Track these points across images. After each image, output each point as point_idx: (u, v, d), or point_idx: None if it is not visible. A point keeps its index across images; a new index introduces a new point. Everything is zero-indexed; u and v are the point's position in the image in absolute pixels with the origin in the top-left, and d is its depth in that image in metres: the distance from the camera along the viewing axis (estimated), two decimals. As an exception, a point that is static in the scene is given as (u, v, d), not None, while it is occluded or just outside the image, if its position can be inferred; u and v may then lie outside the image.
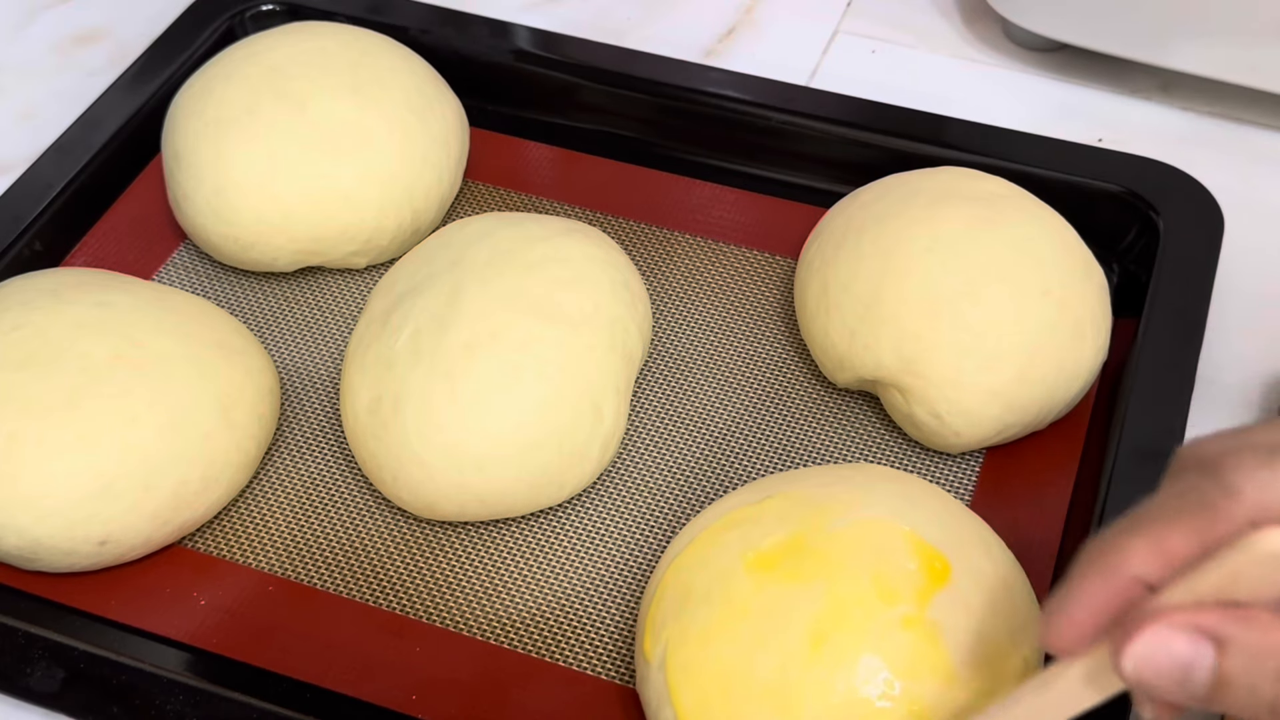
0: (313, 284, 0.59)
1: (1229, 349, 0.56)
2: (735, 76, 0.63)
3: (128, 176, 0.62)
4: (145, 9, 0.74)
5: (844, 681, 0.40)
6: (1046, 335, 0.49)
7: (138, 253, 0.60)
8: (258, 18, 0.67)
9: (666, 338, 0.57)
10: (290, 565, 0.50)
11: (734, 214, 0.61)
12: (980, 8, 0.71)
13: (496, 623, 0.49)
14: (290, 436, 0.54)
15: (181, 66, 0.64)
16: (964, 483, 0.51)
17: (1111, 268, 0.57)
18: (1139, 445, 0.49)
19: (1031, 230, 0.51)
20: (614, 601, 0.49)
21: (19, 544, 0.47)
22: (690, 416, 0.54)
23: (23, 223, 0.58)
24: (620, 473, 0.52)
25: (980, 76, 0.69)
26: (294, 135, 0.56)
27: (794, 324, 0.56)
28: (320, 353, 0.57)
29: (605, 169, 0.63)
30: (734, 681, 0.41)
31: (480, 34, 0.65)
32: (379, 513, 0.52)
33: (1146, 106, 0.67)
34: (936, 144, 0.59)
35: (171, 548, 0.51)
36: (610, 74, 0.63)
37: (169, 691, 0.46)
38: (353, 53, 0.59)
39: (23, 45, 0.73)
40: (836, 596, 0.41)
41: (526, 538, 0.51)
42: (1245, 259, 0.58)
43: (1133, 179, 0.57)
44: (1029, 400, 0.50)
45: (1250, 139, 0.65)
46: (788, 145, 0.61)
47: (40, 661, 0.46)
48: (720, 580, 0.42)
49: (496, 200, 0.62)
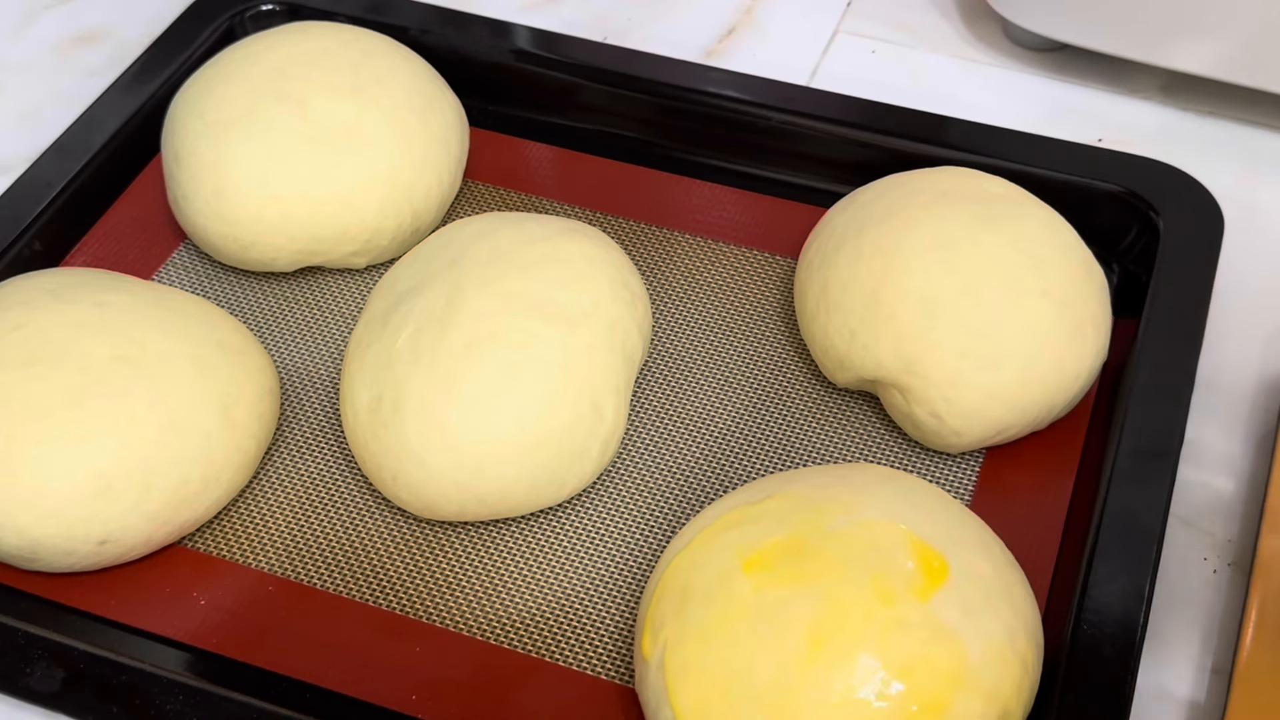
0: (313, 284, 0.59)
1: (1229, 349, 0.56)
2: (735, 76, 0.63)
3: (128, 176, 0.62)
4: (145, 9, 0.74)
5: (843, 682, 0.40)
6: (1046, 335, 0.49)
7: (138, 253, 0.60)
8: (258, 18, 0.67)
9: (666, 338, 0.57)
10: (290, 565, 0.50)
11: (734, 214, 0.61)
12: (980, 8, 0.71)
13: (496, 623, 0.49)
14: (290, 436, 0.54)
15: (181, 66, 0.64)
16: (964, 483, 0.51)
17: (1111, 268, 0.57)
18: (1139, 445, 0.49)
19: (1031, 230, 0.51)
20: (614, 601, 0.49)
21: (19, 544, 0.47)
22: (690, 416, 0.54)
23: (23, 223, 0.58)
24: (620, 473, 0.52)
25: (980, 76, 0.69)
26: (294, 135, 0.56)
27: (794, 324, 0.56)
28: (320, 353, 0.57)
29: (605, 169, 0.63)
30: (733, 681, 0.41)
31: (480, 34, 0.65)
32: (379, 513, 0.52)
33: (1146, 106, 0.67)
34: (936, 144, 0.59)
35: (171, 548, 0.51)
36: (610, 74, 0.63)
37: (169, 691, 0.46)
38: (353, 53, 0.59)
39: (23, 45, 0.73)
40: (836, 597, 0.41)
41: (526, 538, 0.51)
42: (1245, 259, 0.58)
43: (1133, 179, 0.57)
44: (1029, 400, 0.50)
45: (1250, 139, 0.65)
46: (788, 145, 0.61)
47: (40, 661, 0.46)
48: (719, 580, 0.42)
49: (496, 200, 0.62)
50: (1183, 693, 0.47)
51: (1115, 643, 0.44)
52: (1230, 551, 0.51)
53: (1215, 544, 0.51)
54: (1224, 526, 0.51)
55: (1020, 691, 0.42)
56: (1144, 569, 0.45)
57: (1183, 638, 0.48)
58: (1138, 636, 0.44)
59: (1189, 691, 0.47)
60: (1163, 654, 0.48)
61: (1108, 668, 0.43)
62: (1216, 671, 0.48)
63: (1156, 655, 0.47)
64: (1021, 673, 0.42)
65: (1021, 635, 0.42)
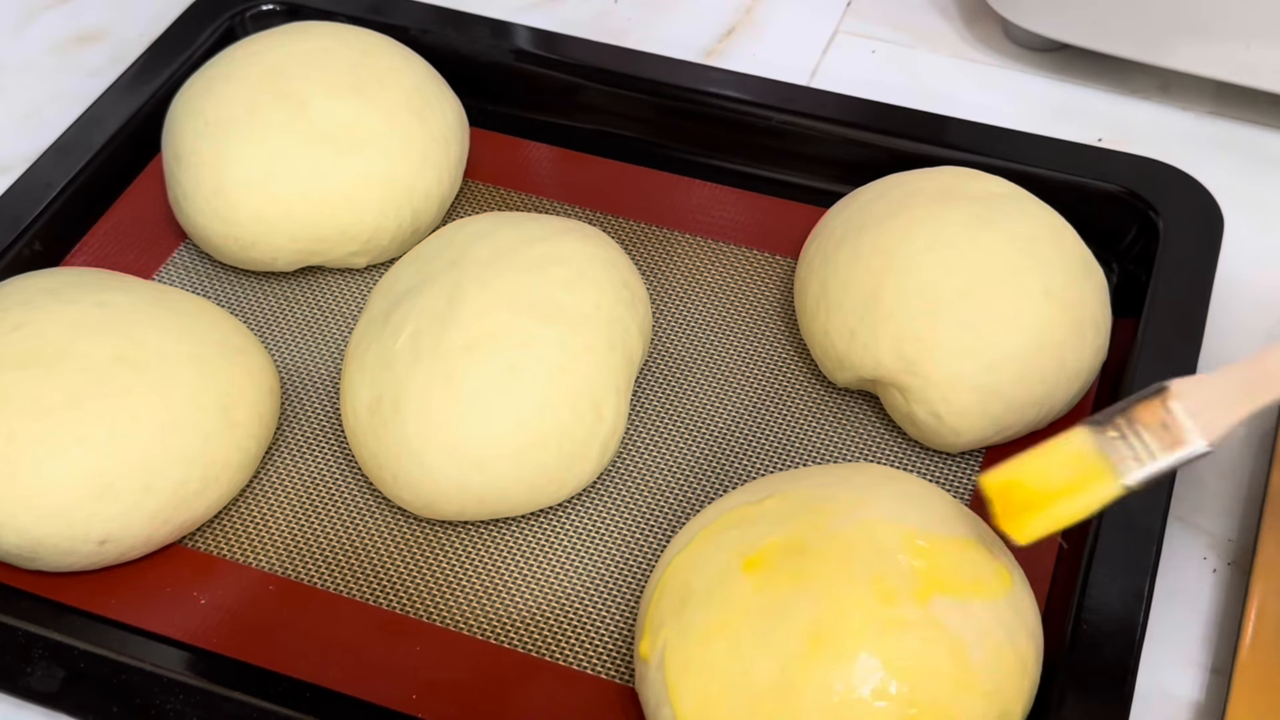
0: (313, 284, 0.59)
1: (1229, 349, 0.56)
2: (735, 76, 0.63)
3: (128, 176, 0.62)
4: (145, 9, 0.74)
5: (843, 682, 0.40)
6: (1046, 335, 0.49)
7: (138, 253, 0.60)
8: (258, 18, 0.67)
9: (666, 338, 0.57)
10: (290, 565, 0.50)
11: (734, 214, 0.61)
12: (980, 8, 0.71)
13: (496, 622, 0.49)
14: (290, 436, 0.54)
15: (181, 66, 0.64)
16: (964, 483, 0.51)
17: (1111, 268, 0.57)
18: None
19: (1031, 230, 0.51)
20: (614, 601, 0.49)
21: (19, 543, 0.47)
22: (690, 416, 0.54)
23: (23, 223, 0.58)
24: (620, 473, 0.52)
25: (980, 76, 0.69)
26: (294, 135, 0.56)
27: (794, 324, 0.56)
28: (320, 353, 0.57)
29: (605, 169, 0.63)
30: (733, 681, 0.41)
31: (480, 34, 0.65)
32: (379, 513, 0.52)
33: (1146, 106, 0.67)
34: (936, 144, 0.59)
35: (171, 547, 0.51)
36: (610, 74, 0.63)
37: (169, 691, 0.46)
38: (353, 53, 0.59)
39: (23, 45, 0.73)
40: (836, 597, 0.41)
41: (526, 537, 0.51)
42: (1245, 259, 0.58)
43: (1133, 179, 0.57)
44: (1029, 400, 0.50)
45: (1250, 139, 0.65)
46: (788, 145, 0.61)
47: (40, 661, 0.46)
48: (719, 580, 0.42)
49: (496, 200, 0.62)
50: (1183, 692, 0.47)
51: (1115, 642, 0.44)
52: (1230, 551, 0.51)
53: (1215, 544, 0.51)
54: (1224, 526, 0.51)
55: (1020, 691, 0.42)
56: (1143, 568, 0.45)
57: (1183, 637, 0.48)
58: (1137, 636, 0.44)
59: (1189, 691, 0.47)
60: (1163, 654, 0.48)
61: (1107, 667, 0.43)
62: (1216, 671, 0.48)
63: (1156, 655, 0.47)
64: (1021, 673, 0.42)
65: (1021, 635, 0.42)
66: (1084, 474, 0.41)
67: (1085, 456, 0.41)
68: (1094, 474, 0.41)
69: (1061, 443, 0.42)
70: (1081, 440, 0.41)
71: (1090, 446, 0.41)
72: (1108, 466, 0.41)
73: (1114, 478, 0.41)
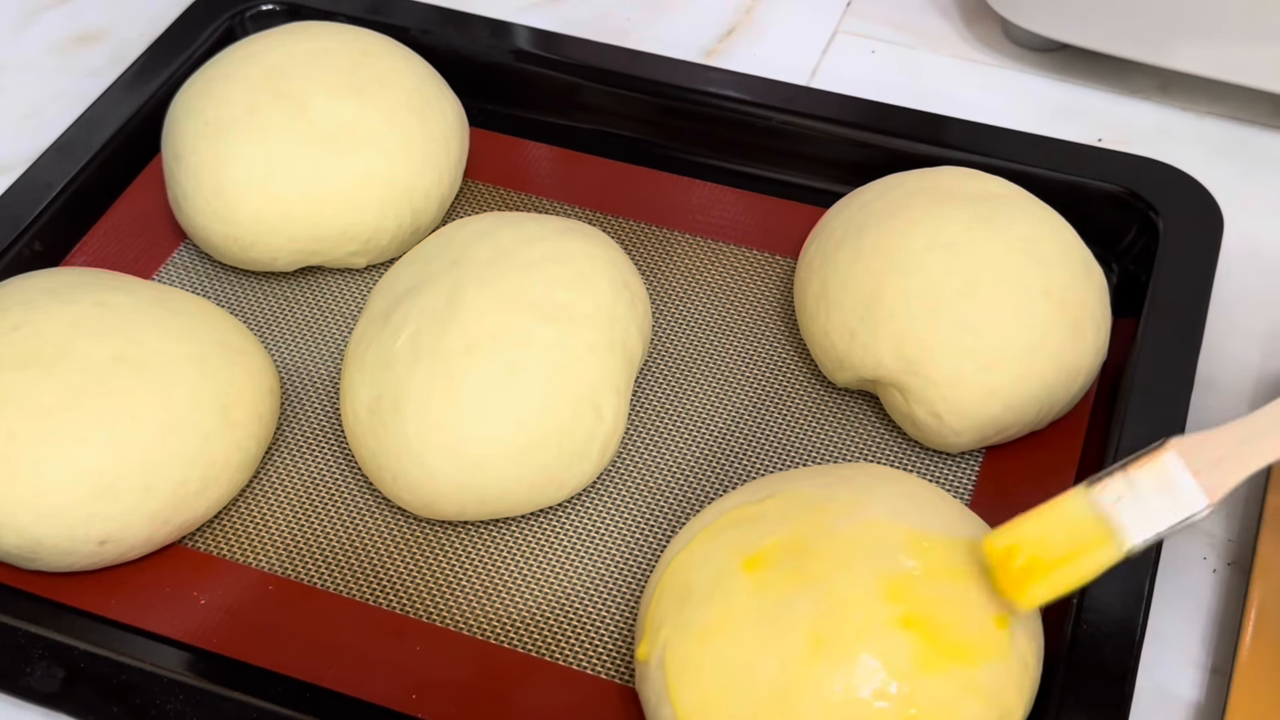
0: (313, 284, 0.59)
1: (1228, 349, 0.56)
2: (735, 76, 0.63)
3: (128, 176, 0.62)
4: (145, 9, 0.74)
5: (843, 682, 0.40)
6: (1046, 335, 0.49)
7: (138, 253, 0.60)
8: (258, 18, 0.67)
9: (666, 338, 0.57)
10: (290, 565, 0.50)
11: (734, 214, 0.61)
12: (980, 8, 0.71)
13: (496, 622, 0.49)
14: (290, 436, 0.54)
15: (181, 66, 0.64)
16: (964, 483, 0.51)
17: (1111, 268, 0.57)
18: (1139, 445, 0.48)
19: (1031, 230, 0.51)
20: (614, 601, 0.49)
21: (19, 543, 0.47)
22: (690, 416, 0.54)
23: (23, 223, 0.58)
24: (620, 473, 0.52)
25: (980, 76, 0.69)
26: (294, 135, 0.56)
27: (794, 324, 0.56)
28: (320, 353, 0.57)
29: (605, 169, 0.63)
30: (733, 681, 0.41)
31: (480, 34, 0.65)
32: (379, 513, 0.52)
33: (1146, 106, 0.67)
34: (936, 144, 0.59)
35: (171, 547, 0.51)
36: (610, 74, 0.63)
37: (169, 691, 0.46)
38: (353, 53, 0.59)
39: (23, 45, 0.73)
40: (836, 596, 0.41)
41: (526, 537, 0.51)
42: (1245, 259, 0.58)
43: (1133, 179, 0.57)
44: (1029, 400, 0.50)
45: (1250, 139, 0.65)
46: (788, 145, 0.61)
47: (40, 661, 0.46)
48: (719, 580, 0.42)
49: (496, 200, 0.62)
50: (1183, 692, 0.47)
51: (1115, 642, 0.44)
52: (1230, 551, 0.51)
53: (1215, 544, 0.51)
54: (1224, 526, 0.51)
55: (1020, 691, 0.42)
56: (1143, 568, 0.45)
57: (1183, 637, 0.48)
58: (1137, 636, 0.44)
59: (1189, 691, 0.47)
60: (1163, 654, 0.48)
61: (1108, 667, 0.43)
62: (1216, 671, 0.48)
63: (1156, 655, 0.47)
64: (1021, 673, 0.42)
65: (1022, 635, 0.42)
66: (1084, 538, 0.40)
67: (1085, 520, 0.40)
68: (1094, 539, 0.40)
69: (1060, 504, 0.41)
70: (1081, 502, 0.41)
71: (1090, 510, 0.40)
72: (1107, 531, 0.40)
73: (1114, 542, 0.40)
